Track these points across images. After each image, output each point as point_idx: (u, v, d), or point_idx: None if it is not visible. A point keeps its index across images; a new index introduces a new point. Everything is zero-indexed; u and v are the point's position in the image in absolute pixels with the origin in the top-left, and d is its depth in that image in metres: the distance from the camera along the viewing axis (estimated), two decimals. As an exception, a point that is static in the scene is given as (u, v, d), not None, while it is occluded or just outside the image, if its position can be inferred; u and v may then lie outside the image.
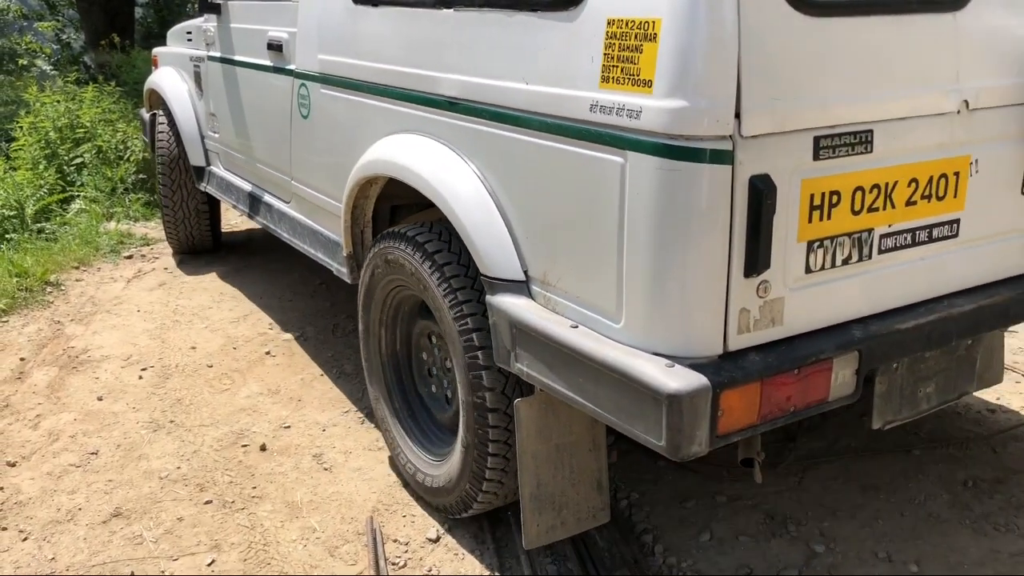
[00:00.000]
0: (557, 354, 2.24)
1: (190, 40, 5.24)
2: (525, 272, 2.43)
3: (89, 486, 3.33)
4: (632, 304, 2.08)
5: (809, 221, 2.09)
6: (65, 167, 7.39)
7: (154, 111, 5.75)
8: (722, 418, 2.00)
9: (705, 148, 1.91)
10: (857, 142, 2.11)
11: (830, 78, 2.07)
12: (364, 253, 3.24)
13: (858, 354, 2.20)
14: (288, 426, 3.70)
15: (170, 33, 5.80)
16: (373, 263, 3.07)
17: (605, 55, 2.05)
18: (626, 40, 2.00)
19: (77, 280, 5.62)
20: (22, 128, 7.70)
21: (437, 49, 2.70)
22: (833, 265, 2.17)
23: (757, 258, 1.99)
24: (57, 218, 6.72)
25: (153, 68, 6.00)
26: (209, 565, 2.87)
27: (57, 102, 8.03)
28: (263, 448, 3.52)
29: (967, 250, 2.45)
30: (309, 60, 3.53)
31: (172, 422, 3.77)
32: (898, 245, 2.28)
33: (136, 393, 4.05)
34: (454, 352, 2.68)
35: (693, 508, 3.05)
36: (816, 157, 2.05)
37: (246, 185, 4.65)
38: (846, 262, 2.19)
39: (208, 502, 3.19)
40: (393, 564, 2.84)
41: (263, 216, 4.38)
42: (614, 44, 2.03)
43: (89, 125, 7.74)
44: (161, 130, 5.57)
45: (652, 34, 1.93)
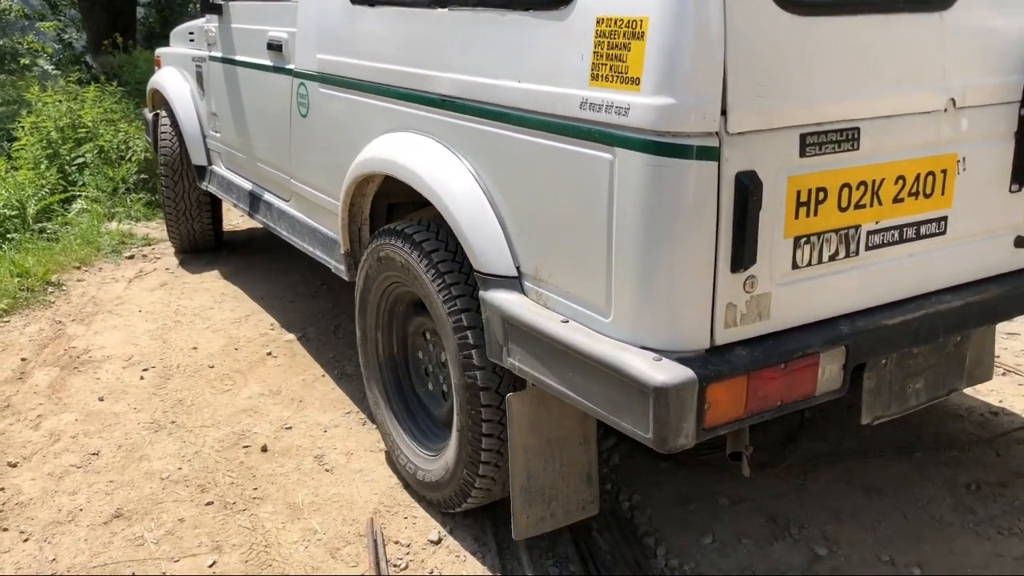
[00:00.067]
0: (548, 349, 2.28)
1: (192, 40, 5.31)
2: (517, 268, 2.47)
3: (90, 487, 3.34)
4: (621, 299, 2.13)
5: (796, 217, 2.13)
6: (67, 167, 7.42)
7: (157, 111, 5.83)
8: (708, 411, 2.03)
9: (692, 145, 1.95)
10: (844, 139, 2.15)
11: (817, 76, 2.10)
12: (361, 250, 3.29)
13: (845, 349, 2.23)
14: (289, 427, 3.72)
15: (173, 33, 5.88)
16: (369, 260, 3.12)
17: (595, 53, 2.10)
18: (615, 38, 2.05)
19: (78, 280, 5.63)
20: (24, 128, 7.72)
21: (432, 48, 2.75)
22: (820, 261, 2.20)
23: (743, 253, 2.03)
24: (59, 218, 6.74)
25: (156, 68, 6.06)
26: (210, 566, 2.88)
27: (59, 102, 8.05)
28: (264, 449, 3.54)
29: (955, 247, 2.48)
30: (308, 60, 3.59)
31: (173, 423, 3.79)
32: (885, 242, 2.31)
33: (137, 394, 4.06)
34: (448, 347, 2.73)
35: (695, 510, 3.06)
36: (803, 154, 2.09)
37: (247, 184, 4.71)
38: (833, 258, 2.23)
39: (209, 503, 3.21)
40: (394, 566, 2.85)
41: (263, 214, 4.44)
42: (603, 42, 2.08)
43: (91, 125, 7.76)
44: (164, 130, 5.64)
45: (640, 32, 1.98)
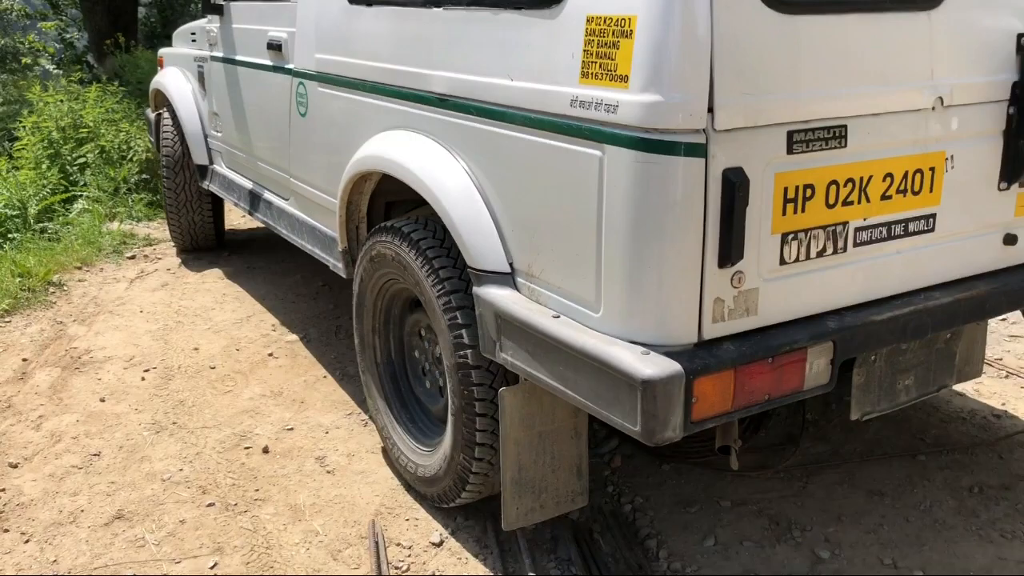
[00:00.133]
0: (539, 343, 2.34)
1: (194, 41, 5.40)
2: (510, 264, 2.53)
3: (91, 488, 3.36)
4: (610, 294, 2.19)
5: (783, 214, 2.18)
6: (68, 167, 7.48)
7: (159, 111, 5.91)
8: (696, 404, 2.09)
9: (679, 141, 2.01)
10: (831, 137, 2.20)
11: (803, 74, 2.16)
12: (359, 248, 3.35)
13: (832, 344, 2.28)
14: (291, 428, 3.74)
15: (175, 34, 5.97)
16: (365, 258, 3.19)
17: (585, 51, 2.16)
18: (604, 36, 2.11)
19: (80, 280, 5.68)
20: (25, 127, 7.80)
21: (427, 47, 2.81)
22: (808, 257, 2.26)
23: (731, 249, 2.09)
24: (60, 218, 6.80)
25: (159, 68, 6.15)
26: (212, 568, 2.90)
27: (60, 102, 8.12)
28: (266, 450, 3.56)
29: (944, 244, 2.52)
30: (307, 59, 3.66)
31: (175, 424, 3.81)
32: (873, 239, 2.37)
33: (138, 394, 4.09)
34: (443, 342, 2.79)
35: (697, 513, 3.09)
36: (790, 151, 2.15)
37: (247, 183, 4.78)
38: (821, 254, 2.28)
39: (210, 504, 3.23)
40: (396, 568, 2.87)
41: (263, 213, 4.51)
42: (593, 40, 2.14)
43: (92, 125, 7.83)
44: (166, 129, 5.73)
45: (628, 30, 2.04)
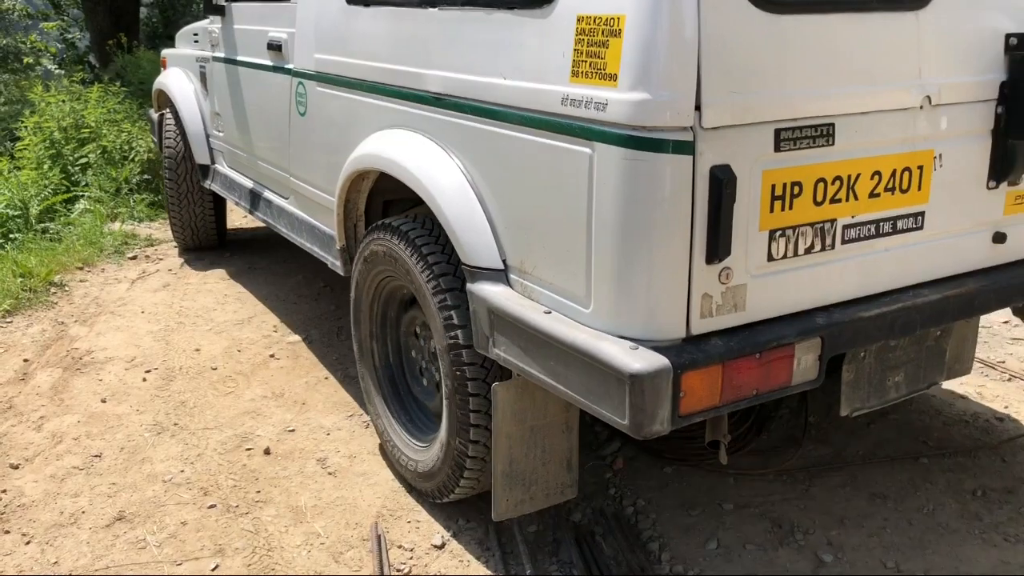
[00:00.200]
0: (531, 339, 2.40)
1: (196, 41, 5.50)
2: (504, 261, 2.60)
3: (92, 489, 3.38)
4: (600, 289, 2.25)
5: (771, 211, 2.24)
6: (70, 167, 7.57)
7: (162, 111, 6.02)
8: (684, 399, 2.14)
9: (667, 139, 2.07)
10: (818, 135, 2.26)
11: (791, 73, 2.22)
12: (357, 246, 3.42)
13: (820, 340, 2.33)
14: (292, 430, 3.77)
15: (178, 35, 6.07)
16: (362, 255, 3.26)
17: (575, 50, 2.23)
18: (594, 36, 2.17)
19: (81, 281, 5.73)
20: (27, 128, 7.89)
21: (423, 47, 2.89)
22: (796, 254, 2.31)
23: (718, 245, 2.14)
24: (61, 218, 6.88)
25: (162, 69, 6.25)
26: (213, 570, 2.92)
27: (62, 102, 8.22)
28: (267, 452, 3.59)
29: (932, 242, 2.57)
30: (306, 59, 3.74)
31: (176, 425, 3.85)
32: (862, 236, 2.42)
33: (140, 395, 4.13)
34: (437, 338, 2.85)
35: (699, 516, 3.11)
36: (777, 149, 2.21)
37: (248, 182, 4.87)
38: (809, 251, 2.33)
39: (212, 506, 3.25)
40: (398, 570, 2.90)
41: (263, 212, 4.60)
42: (583, 40, 2.20)
43: (94, 125, 7.92)
44: (168, 129, 5.83)
45: (617, 30, 2.11)
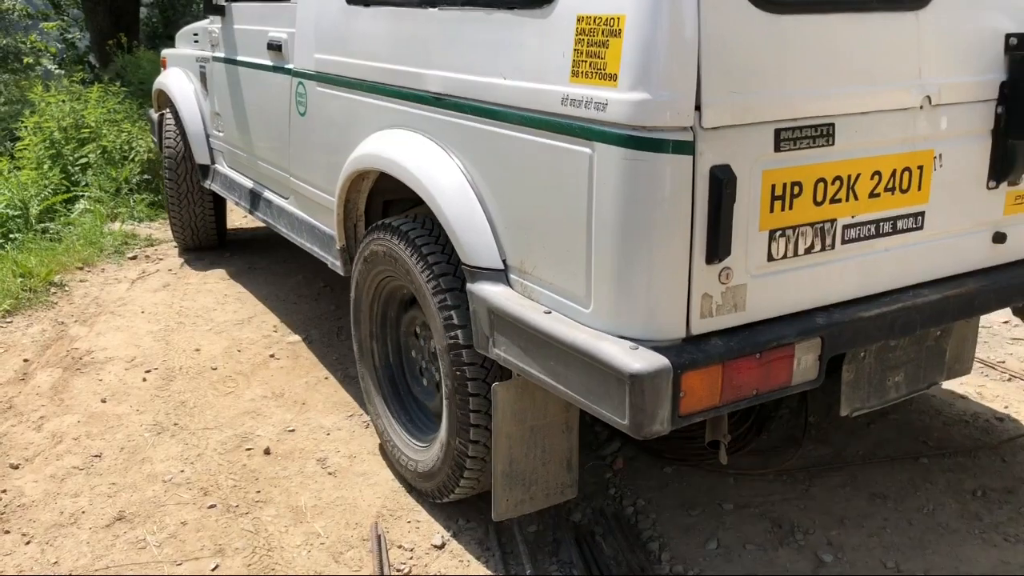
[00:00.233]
0: (531, 339, 2.42)
1: (196, 41, 5.53)
2: (504, 261, 2.61)
3: (92, 489, 3.40)
4: (600, 289, 2.26)
5: (771, 211, 2.26)
6: (70, 167, 7.60)
7: (162, 111, 6.05)
8: (684, 399, 2.16)
9: (667, 139, 2.08)
10: (818, 135, 2.27)
11: (791, 73, 2.23)
12: (356, 246, 3.44)
13: (821, 340, 2.35)
14: (292, 430, 3.79)
15: (178, 35, 6.11)
16: (362, 255, 3.28)
17: (575, 50, 2.24)
18: (594, 36, 2.19)
19: (81, 281, 5.76)
20: (27, 128, 7.92)
21: (423, 47, 2.90)
22: (796, 254, 2.33)
23: (718, 245, 2.16)
24: (61, 218, 6.90)
25: (163, 69, 6.29)
26: (213, 570, 2.94)
27: (62, 102, 8.25)
28: (267, 452, 3.61)
29: (933, 242, 2.59)
30: (306, 59, 3.76)
31: (176, 425, 3.86)
32: (862, 236, 2.43)
33: (140, 395, 4.14)
34: (437, 338, 2.87)
35: (699, 516, 3.13)
36: (777, 149, 2.22)
37: (248, 182, 4.90)
38: (809, 251, 2.35)
39: (212, 506, 3.27)
40: (398, 570, 2.91)
41: (263, 212, 4.62)
42: (583, 40, 2.22)
43: (94, 125, 7.95)
44: (168, 129, 5.86)
45: (617, 30, 2.12)
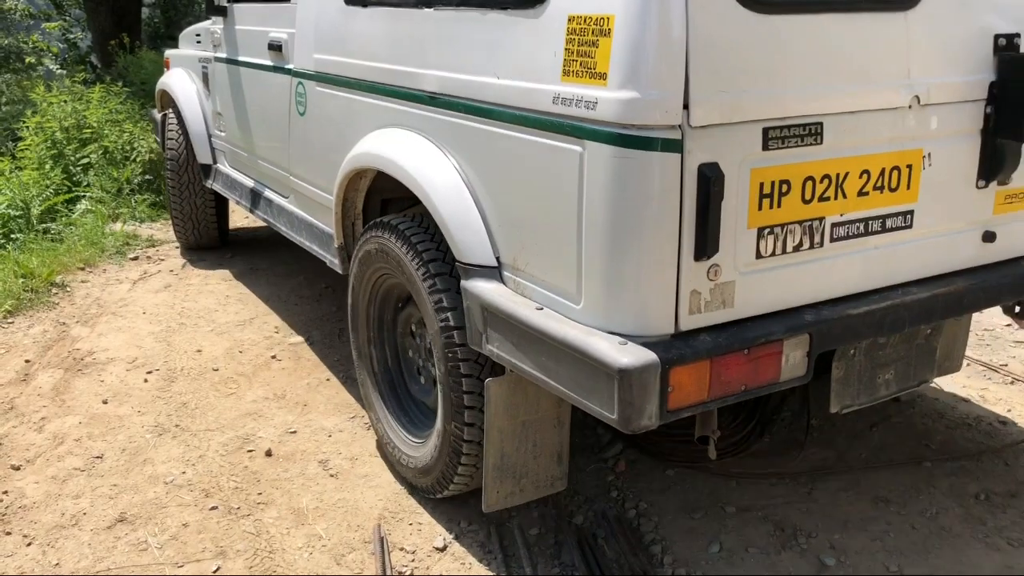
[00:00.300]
0: (523, 335, 2.48)
1: (199, 42, 5.64)
2: (497, 258, 2.68)
3: (94, 491, 3.42)
4: (590, 286, 2.33)
5: (759, 208, 2.31)
6: (71, 167, 7.68)
7: (165, 111, 6.15)
8: (672, 393, 2.22)
9: (656, 137, 2.14)
10: (807, 134, 2.33)
11: (779, 72, 2.29)
12: (354, 244, 3.51)
13: (809, 337, 2.40)
14: (294, 431, 3.82)
15: (182, 36, 6.21)
16: (359, 253, 3.35)
17: (566, 50, 2.31)
18: (584, 35, 2.25)
19: (82, 281, 5.82)
20: (29, 128, 8.00)
21: (419, 47, 2.98)
22: (784, 251, 2.38)
23: (706, 242, 2.21)
24: (63, 218, 6.97)
25: (166, 70, 6.39)
26: (215, 572, 2.96)
27: (64, 102, 8.33)
28: (269, 453, 3.64)
29: (922, 241, 2.64)
30: (306, 59, 3.85)
31: (177, 426, 3.89)
32: (850, 234, 2.49)
33: (141, 396, 4.18)
34: (432, 335, 2.94)
35: (702, 519, 3.16)
36: (765, 147, 2.28)
37: (249, 182, 4.99)
38: (797, 249, 2.41)
39: (213, 508, 3.29)
40: (399, 573, 2.94)
41: (264, 211, 4.71)
42: (574, 39, 2.28)
43: (96, 125, 8.03)
44: (171, 129, 5.96)
45: (607, 29, 2.19)
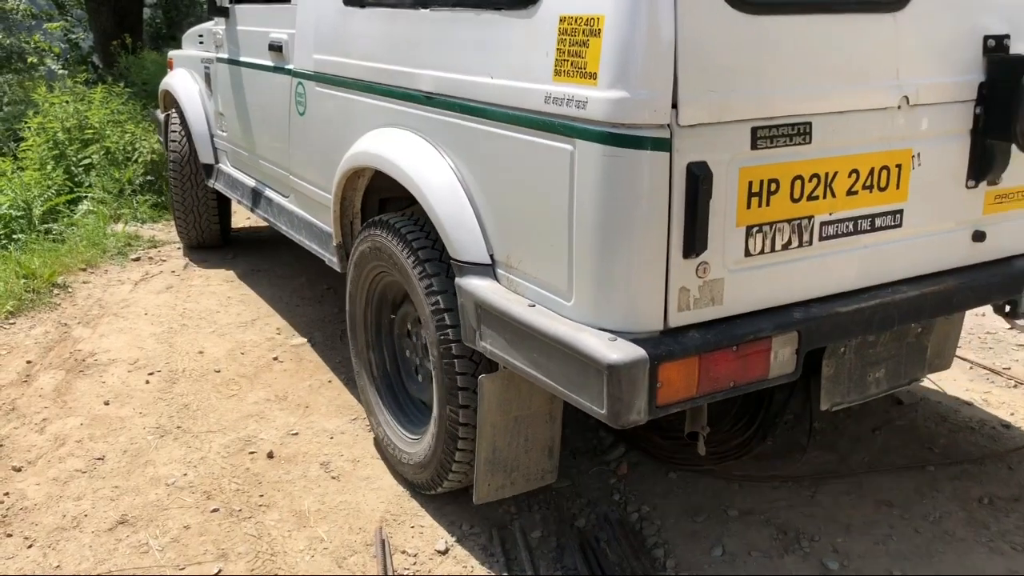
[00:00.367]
0: (515, 331, 2.55)
1: (201, 43, 5.75)
2: (491, 256, 2.75)
3: (95, 492, 3.46)
4: (581, 283, 2.39)
5: (748, 207, 2.37)
6: (73, 168, 7.78)
7: (168, 111, 6.26)
8: (661, 389, 2.29)
9: (645, 136, 2.21)
10: (795, 133, 2.39)
11: (768, 72, 2.35)
12: (352, 243, 3.58)
13: (798, 334, 2.46)
14: (296, 433, 3.87)
15: (185, 36, 6.34)
16: (356, 252, 3.43)
17: (558, 50, 2.38)
18: (575, 35, 2.32)
19: (84, 282, 5.89)
20: (31, 128, 8.11)
21: (416, 47, 3.05)
22: (773, 250, 2.44)
23: (695, 240, 2.27)
24: (64, 219, 7.05)
25: (169, 70, 6.50)
26: (216, 574, 2.99)
27: (66, 102, 8.43)
28: (270, 455, 3.68)
29: (911, 240, 2.70)
30: (305, 60, 3.93)
31: (179, 428, 3.94)
32: (839, 233, 2.55)
33: (143, 398, 4.23)
34: (428, 332, 3.01)
35: (704, 522, 3.19)
36: (754, 147, 2.34)
37: (250, 181, 5.09)
38: (786, 247, 2.46)
39: (215, 510, 3.32)
40: None
41: (264, 210, 4.81)
42: (565, 39, 2.35)
43: (98, 126, 8.13)
44: (174, 129, 6.07)
45: (597, 30, 2.25)
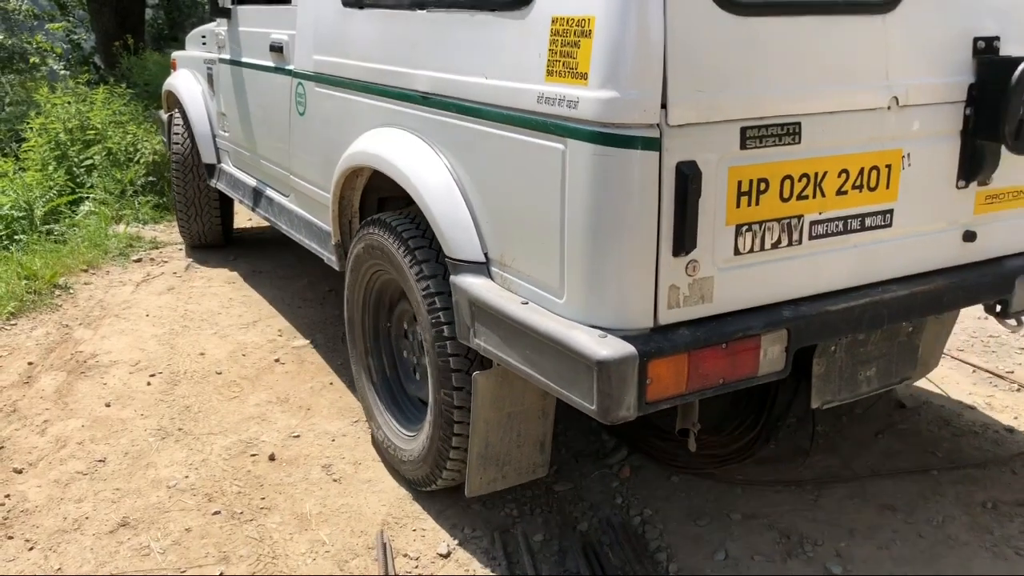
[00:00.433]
0: (508, 329, 2.62)
1: (204, 44, 5.88)
2: (485, 254, 2.82)
3: (96, 494, 3.49)
4: (572, 280, 2.46)
5: (737, 206, 2.44)
6: (75, 168, 7.87)
7: (171, 112, 6.38)
8: (651, 386, 2.35)
9: (635, 135, 2.27)
10: (784, 133, 2.45)
11: (757, 73, 2.41)
12: (351, 242, 3.65)
13: (787, 332, 2.53)
14: (297, 435, 3.91)
15: (188, 37, 6.48)
16: (354, 251, 3.50)
17: (550, 50, 2.45)
18: (567, 36, 2.39)
19: (86, 283, 5.97)
20: (32, 129, 8.20)
21: (412, 47, 3.13)
22: (762, 248, 2.51)
23: (684, 238, 2.34)
24: (66, 220, 7.14)
25: (173, 71, 6.63)
26: None
27: (68, 103, 8.54)
28: (272, 458, 3.72)
29: (901, 240, 2.76)
30: (305, 60, 4.02)
31: (180, 430, 3.98)
32: (829, 232, 2.61)
33: (144, 399, 4.27)
34: (424, 329, 3.08)
35: (707, 526, 3.23)
36: (743, 146, 2.40)
37: (252, 181, 5.18)
38: (776, 246, 2.53)
39: (216, 512, 3.36)
40: None
41: (265, 209, 4.91)
42: (557, 40, 2.43)
43: (99, 127, 8.24)
44: (176, 130, 6.18)
45: (588, 30, 2.33)
